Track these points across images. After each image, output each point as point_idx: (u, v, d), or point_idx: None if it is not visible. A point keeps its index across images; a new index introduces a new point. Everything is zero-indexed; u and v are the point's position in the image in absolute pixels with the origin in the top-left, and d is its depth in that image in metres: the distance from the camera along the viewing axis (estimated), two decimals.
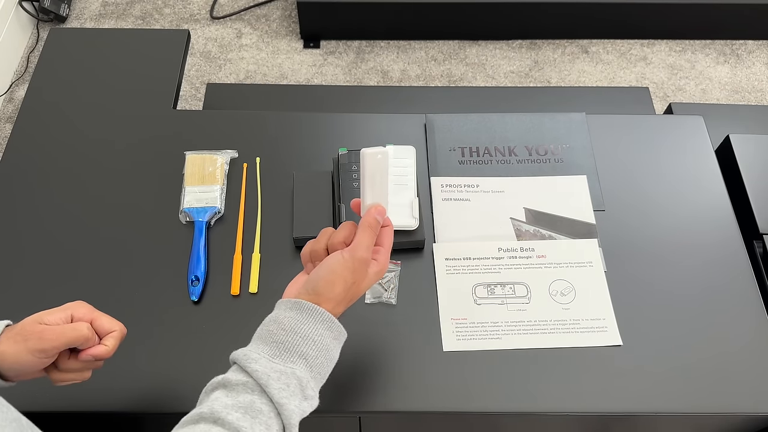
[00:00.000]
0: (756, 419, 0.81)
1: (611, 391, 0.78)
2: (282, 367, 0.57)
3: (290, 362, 0.58)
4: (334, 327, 0.62)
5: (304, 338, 0.59)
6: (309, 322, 0.60)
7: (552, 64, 2.08)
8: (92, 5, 2.19)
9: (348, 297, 0.64)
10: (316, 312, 0.61)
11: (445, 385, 0.78)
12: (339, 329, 0.63)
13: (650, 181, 0.97)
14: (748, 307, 0.85)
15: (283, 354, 0.58)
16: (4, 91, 1.98)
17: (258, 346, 0.59)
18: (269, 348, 0.59)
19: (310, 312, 0.61)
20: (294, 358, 0.58)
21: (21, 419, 0.53)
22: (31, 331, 0.60)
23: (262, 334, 0.61)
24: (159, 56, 1.10)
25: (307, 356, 0.59)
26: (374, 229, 0.65)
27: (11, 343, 0.60)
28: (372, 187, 0.68)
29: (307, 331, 0.60)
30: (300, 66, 2.06)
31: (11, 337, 0.61)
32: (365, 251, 0.64)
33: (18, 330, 0.61)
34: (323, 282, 0.62)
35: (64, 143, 0.98)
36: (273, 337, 0.60)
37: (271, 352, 0.58)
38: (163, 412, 0.75)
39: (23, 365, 0.60)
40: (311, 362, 0.59)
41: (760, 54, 2.12)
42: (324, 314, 0.61)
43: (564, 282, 0.86)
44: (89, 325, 0.63)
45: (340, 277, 0.62)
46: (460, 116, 1.02)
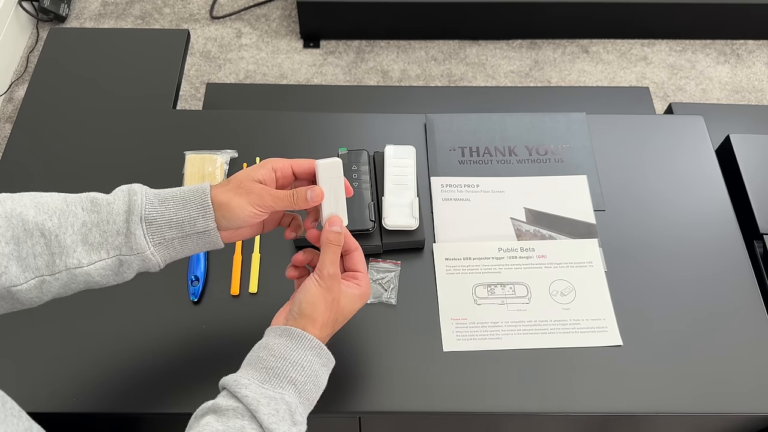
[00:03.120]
0: (756, 419, 0.81)
1: (611, 391, 0.78)
2: (272, 392, 0.58)
3: (280, 388, 0.59)
4: (322, 353, 0.63)
5: (293, 364, 0.60)
6: (298, 348, 0.61)
7: (552, 64, 2.08)
8: (92, 5, 2.19)
9: (332, 317, 0.64)
10: (304, 338, 0.62)
11: (445, 385, 0.78)
12: (327, 356, 0.64)
13: (650, 181, 0.97)
14: (748, 307, 0.85)
15: (273, 380, 0.59)
16: (4, 91, 1.98)
17: (248, 372, 0.60)
18: (259, 374, 0.59)
19: (299, 338, 0.62)
20: (283, 384, 0.59)
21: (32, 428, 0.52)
22: (249, 189, 0.62)
23: (251, 361, 0.61)
24: (159, 56, 1.10)
25: (296, 382, 0.60)
26: (334, 244, 0.66)
27: (233, 195, 0.62)
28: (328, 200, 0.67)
29: (296, 357, 0.60)
30: (300, 66, 2.06)
31: (232, 189, 0.62)
32: (330, 266, 0.64)
33: (236, 184, 0.63)
34: (305, 304, 0.63)
35: (63, 143, 0.98)
36: (263, 363, 0.60)
37: (261, 378, 0.59)
38: (163, 412, 0.75)
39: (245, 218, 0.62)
40: (300, 388, 0.60)
41: (760, 54, 2.12)
42: (312, 341, 0.62)
43: (564, 282, 0.86)
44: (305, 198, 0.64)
45: (319, 298, 0.63)
46: (460, 116, 1.02)
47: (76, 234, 0.58)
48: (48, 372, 0.77)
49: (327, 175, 0.66)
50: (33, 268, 0.57)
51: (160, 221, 0.60)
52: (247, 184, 0.63)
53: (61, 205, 0.59)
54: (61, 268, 0.58)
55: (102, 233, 0.59)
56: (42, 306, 0.81)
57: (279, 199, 0.63)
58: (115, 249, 0.59)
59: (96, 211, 0.59)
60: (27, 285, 0.57)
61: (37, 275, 0.57)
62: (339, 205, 0.68)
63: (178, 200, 0.61)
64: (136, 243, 0.59)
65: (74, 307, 0.82)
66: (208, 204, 0.61)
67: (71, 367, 0.78)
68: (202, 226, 0.61)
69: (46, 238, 0.57)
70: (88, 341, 0.80)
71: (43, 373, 0.77)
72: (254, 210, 0.62)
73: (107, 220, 0.59)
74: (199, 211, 0.61)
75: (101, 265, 0.59)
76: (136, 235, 0.59)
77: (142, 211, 0.60)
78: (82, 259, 0.58)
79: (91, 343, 0.79)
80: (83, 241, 0.58)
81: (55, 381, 0.76)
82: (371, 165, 0.92)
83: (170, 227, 0.61)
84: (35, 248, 0.57)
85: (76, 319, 0.81)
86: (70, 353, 0.79)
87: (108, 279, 0.61)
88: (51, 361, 0.78)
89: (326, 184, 0.66)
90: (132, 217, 0.59)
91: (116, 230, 0.59)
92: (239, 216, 0.62)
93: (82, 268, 0.58)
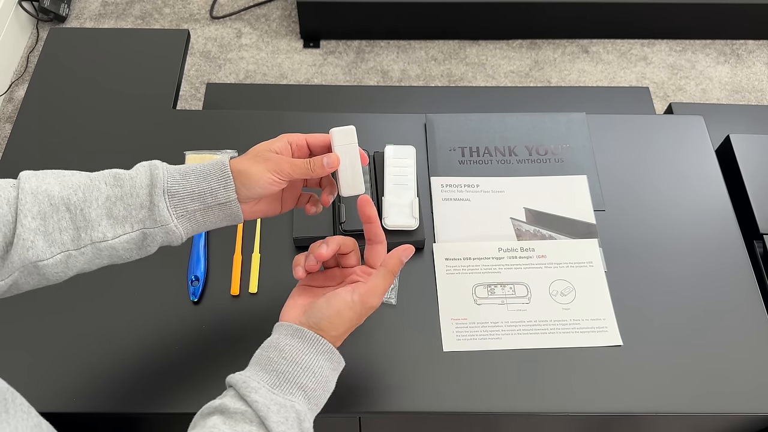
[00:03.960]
0: (756, 419, 0.81)
1: (611, 391, 0.78)
2: (282, 399, 0.57)
3: (290, 394, 0.58)
4: (334, 358, 0.62)
5: (304, 369, 0.60)
6: (310, 352, 0.61)
7: (552, 64, 2.08)
8: (92, 5, 2.19)
9: (349, 332, 0.65)
10: (317, 342, 0.61)
11: (445, 385, 0.78)
12: (339, 359, 0.63)
13: (650, 181, 0.97)
14: (748, 307, 0.85)
15: (283, 384, 0.58)
16: (4, 91, 1.98)
17: (257, 374, 0.59)
18: (269, 377, 0.59)
19: (312, 342, 0.61)
20: (293, 390, 0.58)
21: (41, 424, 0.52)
22: (267, 157, 0.64)
23: (261, 360, 0.60)
24: (159, 56, 1.10)
25: (306, 388, 0.59)
26: (395, 274, 0.66)
27: (252, 163, 0.63)
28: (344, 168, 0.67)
29: (308, 362, 0.60)
30: (300, 66, 2.06)
31: (250, 158, 0.64)
32: (378, 299, 0.64)
33: (254, 154, 0.64)
34: (326, 322, 0.62)
35: (63, 143, 0.98)
36: (273, 365, 0.59)
37: (271, 382, 0.58)
38: (163, 412, 0.75)
39: (264, 186, 0.63)
40: (310, 394, 0.59)
41: (760, 54, 2.12)
42: (325, 345, 0.61)
43: (564, 282, 0.86)
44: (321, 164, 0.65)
45: (345, 320, 0.63)
46: (460, 116, 1.02)
47: (100, 208, 0.59)
48: (48, 372, 0.77)
49: (342, 141, 0.67)
50: (59, 242, 0.58)
51: (182, 194, 0.61)
52: (264, 153, 0.64)
53: (85, 181, 0.60)
54: (87, 242, 0.58)
55: (126, 207, 0.60)
56: (42, 306, 0.82)
57: (296, 166, 0.64)
58: (139, 222, 0.60)
59: (119, 186, 0.60)
60: (53, 260, 0.58)
61: (62, 250, 0.58)
62: (355, 172, 0.68)
63: (199, 173, 0.62)
64: (160, 215, 0.60)
65: (74, 307, 0.82)
66: (229, 175, 0.62)
67: (72, 367, 0.78)
68: (223, 197, 0.62)
69: (71, 213, 0.58)
70: (89, 341, 0.80)
71: (43, 373, 0.77)
72: (272, 176, 0.63)
73: (131, 194, 0.60)
74: (219, 182, 0.62)
75: (126, 238, 0.60)
76: (160, 208, 0.60)
77: (164, 184, 0.60)
78: (107, 233, 0.59)
79: (91, 344, 0.79)
80: (108, 215, 0.59)
81: (55, 381, 0.76)
82: (371, 165, 0.92)
83: (192, 199, 0.61)
84: (61, 223, 0.58)
85: (76, 319, 0.81)
86: (71, 353, 0.79)
87: (132, 253, 0.62)
88: (51, 362, 0.78)
89: (342, 152, 0.67)
90: (155, 190, 0.60)
91: (140, 203, 0.60)
92: (258, 182, 0.62)
93: (107, 242, 0.59)
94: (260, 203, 0.67)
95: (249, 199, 0.64)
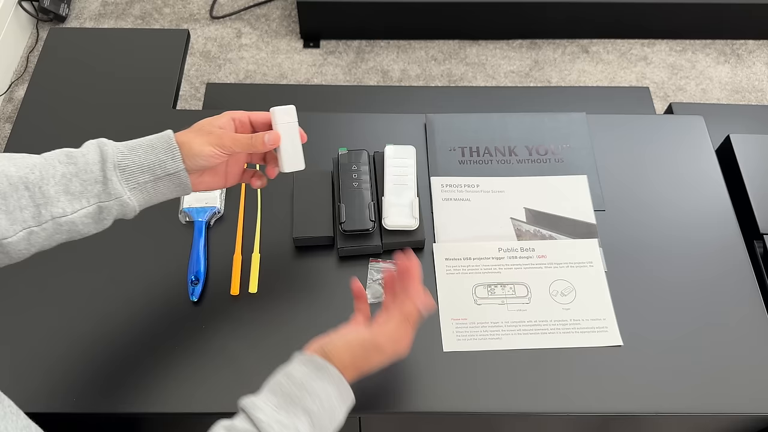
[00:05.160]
0: (756, 419, 0.81)
1: (611, 391, 0.78)
2: (285, 419, 0.58)
3: (294, 416, 0.59)
4: (342, 388, 0.63)
5: (311, 394, 0.60)
6: (318, 379, 0.61)
7: (552, 64, 2.08)
8: (92, 5, 2.19)
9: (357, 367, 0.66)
10: (326, 369, 0.62)
11: (445, 385, 0.78)
12: (347, 391, 0.63)
13: (650, 181, 0.97)
14: (749, 307, 0.85)
15: (289, 406, 0.59)
16: (4, 91, 1.98)
17: (266, 396, 0.61)
18: (276, 398, 0.60)
19: (321, 368, 0.62)
20: (298, 413, 0.59)
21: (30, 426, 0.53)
22: (210, 131, 0.68)
23: (272, 385, 0.62)
24: (159, 56, 1.10)
25: (311, 413, 0.60)
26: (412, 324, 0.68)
27: (195, 135, 0.67)
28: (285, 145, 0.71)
29: (315, 388, 0.61)
30: (300, 66, 2.06)
31: (193, 131, 0.68)
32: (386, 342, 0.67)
33: (198, 127, 0.69)
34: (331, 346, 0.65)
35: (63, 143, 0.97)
36: (282, 389, 0.61)
37: (277, 403, 0.59)
38: (163, 412, 0.75)
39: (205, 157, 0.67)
40: (315, 420, 0.60)
41: (760, 54, 2.12)
42: (334, 373, 0.62)
43: (564, 282, 0.86)
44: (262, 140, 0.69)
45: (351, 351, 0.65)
46: (460, 116, 1.02)
47: (58, 185, 0.62)
48: (48, 372, 0.77)
49: (282, 120, 0.71)
50: (20, 220, 0.60)
51: (132, 167, 0.64)
52: (207, 128, 0.68)
53: (40, 161, 0.63)
54: (47, 218, 0.61)
55: (82, 182, 0.62)
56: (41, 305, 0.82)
57: (237, 141, 0.68)
58: (95, 197, 0.63)
59: (73, 163, 0.63)
60: (16, 237, 0.60)
61: (24, 227, 0.60)
62: (296, 149, 0.72)
63: (146, 146, 0.66)
64: (113, 189, 0.63)
65: (74, 307, 0.82)
66: (175, 146, 0.65)
67: (71, 367, 0.78)
68: (172, 168, 0.65)
69: (30, 191, 0.60)
70: (89, 341, 0.80)
71: (43, 373, 0.77)
72: (214, 149, 0.66)
73: (84, 170, 0.63)
74: (167, 153, 0.65)
75: (84, 212, 0.62)
76: (113, 181, 0.63)
77: (114, 159, 0.64)
78: (66, 208, 0.62)
79: (91, 344, 0.79)
80: (65, 191, 0.62)
81: (55, 381, 0.76)
82: (371, 165, 0.92)
83: (142, 171, 0.65)
84: (21, 201, 0.60)
85: (75, 319, 0.81)
86: (70, 353, 0.79)
87: (90, 227, 0.64)
88: (51, 362, 0.78)
89: (283, 129, 0.71)
90: (107, 164, 0.63)
91: (94, 179, 0.63)
92: (200, 154, 0.66)
93: (66, 217, 0.62)
94: (204, 175, 0.70)
95: (193, 170, 0.67)
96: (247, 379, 0.62)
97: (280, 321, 0.82)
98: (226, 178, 0.74)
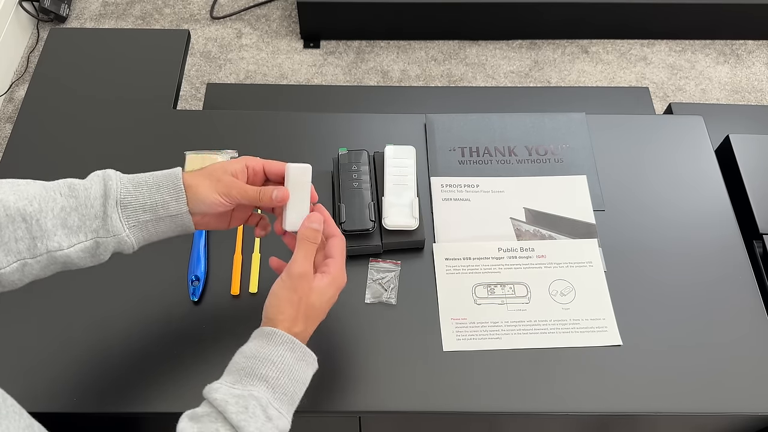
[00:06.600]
0: (756, 419, 0.81)
1: (611, 391, 0.78)
2: (239, 391, 0.58)
3: (249, 385, 0.59)
4: (296, 348, 0.63)
5: (262, 361, 0.61)
6: (268, 345, 0.62)
7: (552, 64, 2.08)
8: (92, 5, 2.19)
9: (303, 314, 0.64)
10: (273, 335, 0.62)
11: (445, 385, 0.78)
12: (302, 350, 0.64)
13: (650, 181, 0.97)
14: (748, 307, 0.85)
15: (244, 379, 0.60)
16: (4, 91, 1.98)
17: (223, 377, 0.61)
18: (231, 377, 0.60)
19: (268, 336, 0.62)
20: (254, 381, 0.59)
21: (33, 425, 0.53)
22: (219, 178, 0.65)
23: (228, 368, 0.62)
24: (159, 56, 1.10)
25: (267, 378, 0.60)
26: (311, 241, 0.66)
27: (202, 179, 0.65)
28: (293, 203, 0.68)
29: (267, 354, 0.61)
30: (300, 66, 2.06)
31: (202, 175, 0.66)
32: (300, 266, 0.65)
33: (209, 171, 0.66)
34: (270, 308, 0.64)
35: (63, 143, 0.98)
36: (235, 366, 0.61)
37: (233, 380, 0.60)
38: (163, 411, 0.75)
39: (209, 205, 0.65)
40: (273, 383, 0.60)
41: (760, 54, 2.13)
42: (283, 335, 0.62)
43: (564, 282, 0.86)
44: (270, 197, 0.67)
45: (283, 299, 0.64)
46: (460, 116, 1.02)
47: (56, 218, 0.60)
48: (48, 372, 0.77)
49: (296, 179, 0.68)
50: (15, 251, 0.59)
51: (135, 205, 0.63)
52: (218, 173, 0.66)
53: (41, 191, 0.61)
54: (42, 251, 0.60)
55: (80, 217, 0.61)
56: (43, 305, 0.82)
57: (245, 193, 0.66)
58: (92, 232, 0.61)
59: (74, 196, 0.61)
60: (9, 268, 0.59)
61: (18, 258, 0.59)
62: (303, 210, 0.69)
63: (152, 184, 0.63)
64: (113, 226, 0.61)
65: (75, 307, 0.82)
66: (181, 188, 0.63)
67: (71, 367, 0.78)
68: (174, 210, 0.64)
69: (27, 223, 0.59)
70: (89, 341, 0.80)
71: (43, 373, 0.77)
72: (219, 198, 0.64)
73: (85, 204, 0.61)
74: (171, 194, 0.63)
75: (80, 247, 0.61)
76: (112, 218, 0.61)
77: (117, 195, 0.62)
78: (62, 243, 0.60)
79: (91, 343, 0.80)
80: (63, 224, 0.60)
81: (55, 381, 0.77)
82: (371, 165, 0.93)
83: (144, 210, 0.63)
84: (17, 233, 0.59)
85: (76, 319, 0.81)
86: (71, 353, 0.79)
87: (86, 261, 0.63)
88: (51, 362, 0.78)
89: (294, 188, 0.68)
90: (108, 201, 0.61)
91: (94, 214, 0.61)
92: (204, 201, 0.64)
93: (63, 251, 0.60)
94: (208, 216, 0.68)
95: (195, 213, 0.65)
96: None
97: None
98: (230, 221, 0.72)
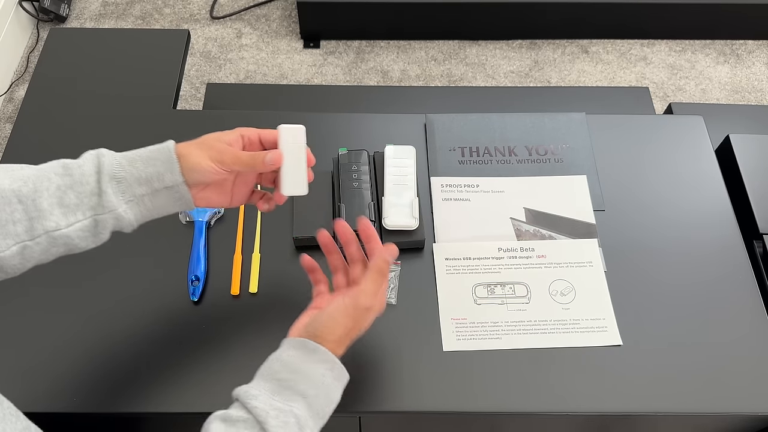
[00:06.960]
0: (756, 419, 0.81)
1: (611, 391, 0.78)
2: (281, 405, 0.58)
3: (289, 400, 0.59)
4: (335, 368, 0.63)
5: (305, 377, 0.60)
6: (311, 361, 0.61)
7: (552, 64, 2.08)
8: (92, 5, 2.19)
9: (349, 337, 0.65)
10: (318, 351, 0.62)
11: (445, 385, 0.78)
12: (341, 370, 0.63)
13: (650, 181, 0.97)
14: (748, 307, 0.85)
15: (284, 392, 0.59)
16: (4, 91, 1.98)
17: (259, 383, 0.60)
18: (270, 385, 0.60)
19: (313, 351, 0.62)
20: (294, 397, 0.59)
21: (30, 428, 0.53)
22: (211, 145, 0.64)
23: (264, 372, 0.61)
24: (159, 56, 1.10)
25: (306, 395, 0.60)
26: (385, 275, 0.66)
27: (195, 148, 0.64)
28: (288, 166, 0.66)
29: (309, 371, 0.61)
30: (300, 66, 2.06)
31: (194, 143, 0.65)
32: (369, 299, 0.65)
33: (201, 140, 0.65)
34: (322, 327, 0.63)
35: (63, 143, 0.98)
36: (275, 375, 0.60)
37: (272, 389, 0.59)
38: (163, 411, 0.75)
39: (202, 172, 0.63)
40: (311, 401, 0.60)
41: (760, 54, 2.13)
42: (326, 354, 0.62)
43: (564, 282, 0.86)
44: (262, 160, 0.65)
45: (340, 324, 0.64)
46: (460, 116, 1.02)
47: (51, 197, 0.59)
48: (48, 372, 0.77)
49: (289, 140, 0.66)
50: (13, 234, 0.58)
51: (129, 179, 0.62)
52: (210, 141, 0.65)
53: (34, 172, 0.60)
54: (40, 232, 0.59)
55: (77, 195, 0.60)
56: (42, 306, 0.82)
57: (238, 158, 0.65)
58: (90, 209, 0.61)
59: (68, 175, 0.61)
60: (9, 252, 0.58)
61: (17, 241, 0.58)
62: (299, 172, 0.67)
63: (145, 158, 0.63)
64: (108, 201, 0.61)
65: (75, 307, 0.82)
66: (174, 159, 0.63)
67: (71, 367, 0.78)
68: (170, 181, 0.63)
69: (23, 204, 0.58)
70: (89, 341, 0.80)
71: (43, 373, 0.77)
72: (212, 164, 0.63)
73: (80, 182, 0.60)
74: (165, 165, 0.63)
75: (79, 226, 0.60)
76: (108, 194, 0.60)
77: (110, 170, 0.61)
78: (60, 222, 0.59)
79: (91, 344, 0.80)
80: (59, 203, 0.59)
81: (55, 381, 0.77)
82: (371, 165, 0.93)
83: (139, 184, 0.62)
84: (14, 215, 0.58)
85: (76, 319, 0.81)
86: (71, 353, 0.79)
87: (87, 241, 0.62)
88: (51, 362, 0.78)
89: (288, 150, 0.66)
90: (102, 176, 0.61)
91: (89, 191, 0.61)
92: (197, 168, 0.63)
93: (61, 231, 0.59)
94: (208, 190, 0.67)
95: (193, 184, 0.64)
96: (247, 379, 0.62)
97: (280, 321, 0.82)
98: (232, 197, 0.70)
